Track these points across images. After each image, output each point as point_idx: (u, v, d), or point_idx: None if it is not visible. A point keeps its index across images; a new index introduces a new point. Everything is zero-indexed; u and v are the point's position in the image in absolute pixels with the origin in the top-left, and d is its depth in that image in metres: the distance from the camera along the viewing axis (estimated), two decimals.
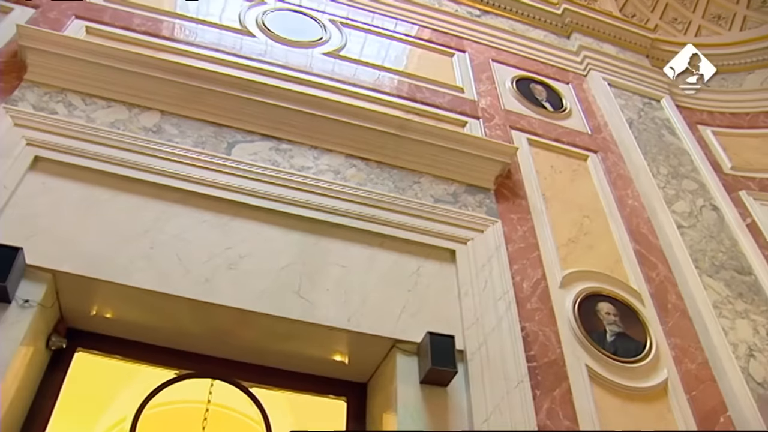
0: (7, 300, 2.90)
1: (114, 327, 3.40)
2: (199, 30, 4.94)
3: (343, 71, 5.05)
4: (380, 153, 4.31)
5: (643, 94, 6.18)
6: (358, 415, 3.49)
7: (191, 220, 3.56)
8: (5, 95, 3.79)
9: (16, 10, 4.44)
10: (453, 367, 3.17)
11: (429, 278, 3.70)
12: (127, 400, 4.52)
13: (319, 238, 3.72)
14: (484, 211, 4.20)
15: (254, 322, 3.35)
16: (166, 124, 4.00)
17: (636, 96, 6.09)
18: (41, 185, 3.44)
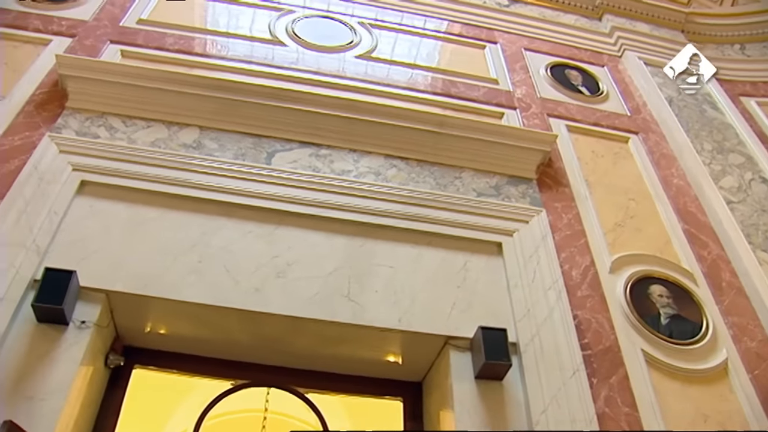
0: (65, 322, 3.00)
1: (169, 342, 3.49)
2: (230, 44, 5.01)
3: (377, 72, 5.06)
4: (419, 151, 4.31)
5: None
6: (415, 414, 3.51)
7: (237, 231, 3.61)
8: (49, 124, 3.90)
9: (54, 40, 4.58)
10: (507, 360, 3.16)
11: (477, 273, 3.69)
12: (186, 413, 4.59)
13: (365, 240, 3.73)
14: (528, 201, 4.18)
15: (306, 328, 3.38)
16: (205, 139, 4.06)
17: None
18: (89, 208, 3.53)
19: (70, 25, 4.78)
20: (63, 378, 2.85)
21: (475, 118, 4.64)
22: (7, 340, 2.90)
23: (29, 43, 4.56)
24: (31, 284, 3.09)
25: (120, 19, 4.98)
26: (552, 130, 4.81)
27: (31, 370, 2.85)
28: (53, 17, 4.82)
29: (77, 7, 5.01)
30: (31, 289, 3.07)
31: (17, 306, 2.99)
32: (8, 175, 3.54)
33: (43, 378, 2.84)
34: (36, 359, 2.88)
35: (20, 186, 3.47)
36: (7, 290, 3.01)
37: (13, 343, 2.91)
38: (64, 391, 2.82)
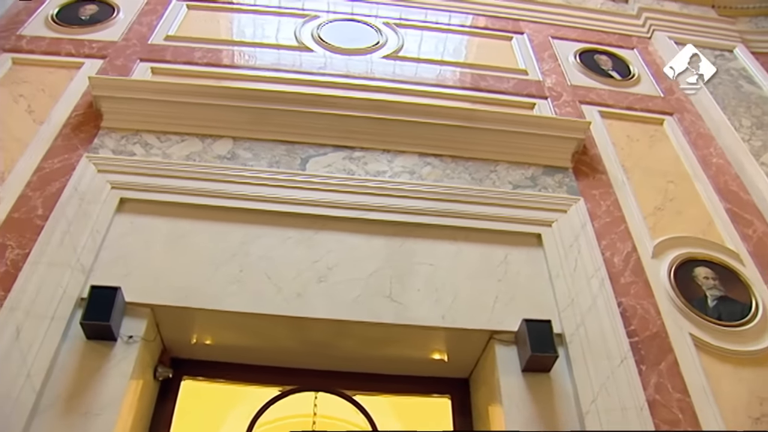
0: (113, 338, 3.07)
1: (215, 352, 3.54)
2: (258, 53, 5.05)
3: (405, 72, 5.06)
4: (453, 147, 4.30)
5: (713, 47, 5.93)
6: (464, 410, 3.51)
7: (276, 239, 3.64)
8: (86, 145, 3.99)
9: (86, 63, 4.69)
10: (553, 351, 3.14)
11: (518, 265, 3.67)
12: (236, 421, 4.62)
13: (404, 239, 3.73)
14: (565, 190, 4.14)
15: (350, 330, 3.40)
16: (239, 149, 4.10)
17: (706, 50, 5.84)
18: (129, 225, 3.60)
19: (100, 46, 4.88)
20: (114, 392, 2.91)
21: (506, 110, 4.61)
22: (59, 358, 2.99)
23: (63, 67, 4.66)
24: (78, 302, 3.17)
25: (148, 37, 5.06)
26: (585, 117, 4.76)
27: (84, 387, 2.91)
28: (84, 41, 4.93)
29: (106, 28, 5.11)
30: (78, 307, 3.15)
31: (66, 324, 3.07)
32: (50, 198, 3.64)
33: (96, 393, 2.90)
34: (87, 375, 2.95)
35: (62, 207, 3.56)
36: (56, 309, 3.10)
37: (64, 361, 2.99)
38: (116, 405, 2.88)
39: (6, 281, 3.22)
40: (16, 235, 3.46)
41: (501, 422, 3.04)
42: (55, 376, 2.93)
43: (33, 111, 4.26)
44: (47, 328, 3.02)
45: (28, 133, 4.08)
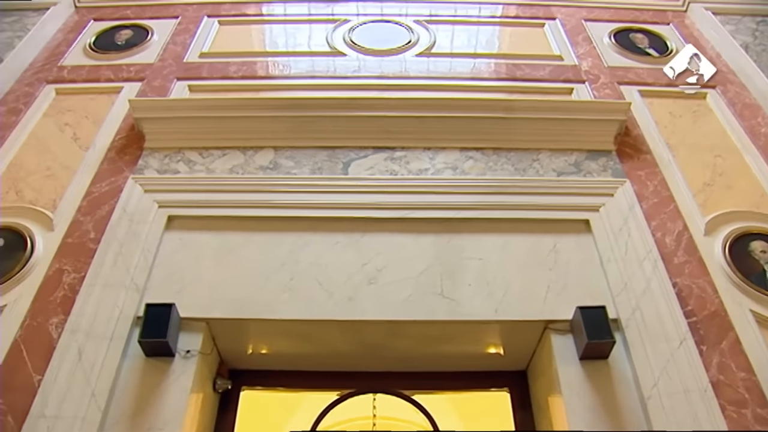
0: (171, 353, 3.14)
1: (271, 361, 3.59)
2: (291, 62, 5.10)
3: (439, 68, 5.05)
4: (493, 139, 4.27)
5: (754, 14, 5.75)
6: (523, 403, 3.49)
7: (323, 244, 3.67)
8: (131, 166, 4.08)
9: (125, 87, 4.80)
10: (610, 337, 3.09)
11: (568, 253, 3.63)
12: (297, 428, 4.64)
13: (451, 236, 3.72)
14: (610, 173, 4.08)
15: (404, 330, 3.41)
16: (280, 159, 4.14)
17: (746, 17, 5.70)
18: (179, 242, 3.67)
19: (137, 69, 4.99)
20: (176, 407, 2.98)
21: (544, 97, 4.58)
22: (120, 376, 3.07)
23: (103, 93, 4.78)
24: (135, 321, 3.25)
25: (183, 56, 5.16)
26: (625, 98, 4.67)
27: (146, 403, 2.98)
28: (122, 65, 5.05)
29: (142, 51, 5.23)
30: (135, 326, 3.22)
31: (125, 343, 3.16)
32: (101, 221, 3.73)
33: (158, 409, 2.97)
34: (149, 392, 3.02)
35: (113, 229, 3.65)
36: (114, 329, 3.19)
37: (126, 379, 3.07)
38: (178, 419, 2.94)
39: (65, 305, 3.33)
40: (71, 259, 3.56)
41: (562, 412, 3.02)
42: (118, 395, 3.01)
43: (78, 138, 4.37)
44: (107, 348, 3.11)
45: (75, 159, 4.19)
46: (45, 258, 3.58)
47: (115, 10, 5.87)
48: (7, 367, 3.10)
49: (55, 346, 3.14)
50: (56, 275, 3.49)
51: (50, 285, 3.44)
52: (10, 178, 4.10)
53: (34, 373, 3.06)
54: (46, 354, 3.12)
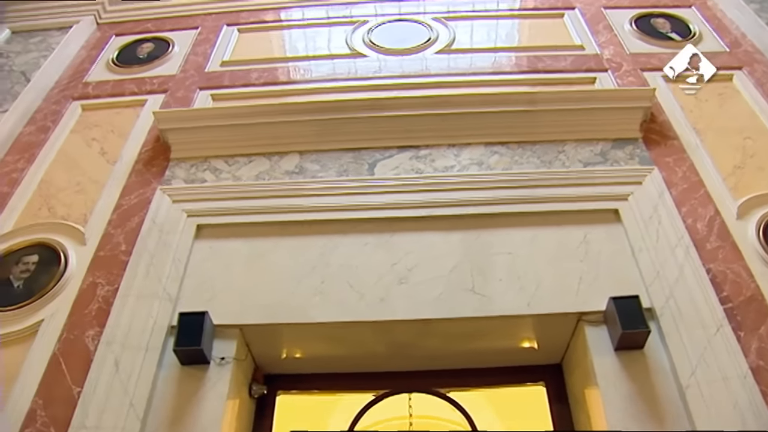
0: (206, 361, 3.17)
1: (306, 364, 3.61)
2: (312, 66, 5.12)
3: (460, 64, 5.03)
4: (517, 133, 4.24)
5: None
6: (559, 396, 3.46)
7: (353, 246, 3.68)
8: (159, 177, 4.13)
9: (149, 99, 4.87)
10: (644, 327, 3.05)
11: (598, 244, 3.59)
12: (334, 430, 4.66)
13: (480, 232, 3.71)
14: (637, 161, 4.02)
15: (437, 328, 3.40)
16: (306, 163, 4.16)
17: None
18: (209, 250, 3.71)
19: (160, 81, 5.05)
20: (213, 414, 3.00)
21: (567, 88, 4.54)
22: (157, 386, 3.11)
23: (128, 106, 4.85)
24: (169, 331, 3.29)
25: (204, 65, 5.21)
26: (649, 85, 4.61)
27: (183, 411, 3.02)
28: (144, 78, 5.12)
29: (164, 63, 5.31)
30: (170, 335, 3.26)
31: (161, 353, 3.20)
32: (131, 233, 3.78)
33: (196, 417, 3.00)
34: (185, 400, 3.06)
35: (143, 240, 3.70)
36: (149, 339, 3.23)
37: (162, 389, 3.11)
38: (216, 426, 2.97)
39: (100, 317, 3.38)
40: (104, 272, 3.61)
41: (598, 404, 2.98)
42: (155, 404, 3.05)
43: (106, 152, 4.44)
44: (143, 358, 3.15)
45: (104, 173, 4.25)
46: (79, 272, 3.64)
47: (135, 25, 5.95)
48: (47, 380, 3.16)
49: (92, 358, 3.20)
50: (90, 288, 3.55)
51: (85, 298, 3.50)
52: (41, 195, 4.18)
53: (73, 386, 3.12)
54: (84, 366, 3.17)
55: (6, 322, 3.46)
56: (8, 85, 5.17)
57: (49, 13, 6.04)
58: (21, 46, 5.67)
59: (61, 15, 6.02)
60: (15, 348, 3.35)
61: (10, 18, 6.03)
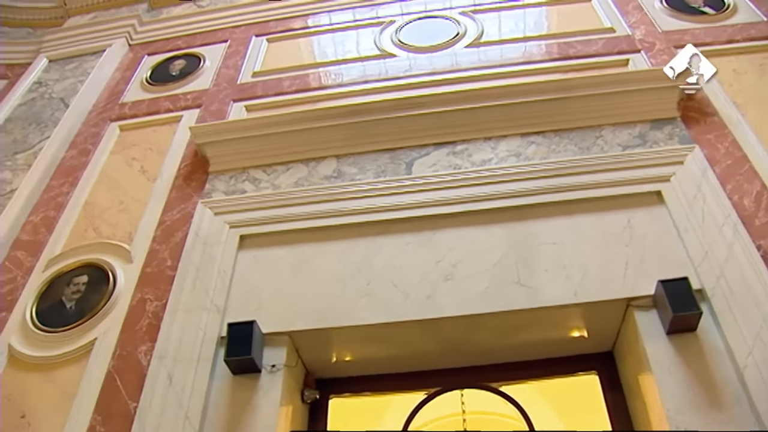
0: (257, 369, 3.20)
1: (356, 367, 3.61)
2: (343, 69, 5.14)
3: (490, 57, 5.00)
4: (553, 121, 4.20)
5: None
6: (613, 384, 3.39)
7: (396, 246, 3.68)
8: (199, 191, 4.18)
9: (184, 115, 4.95)
10: (696, 309, 2.98)
11: (642, 227, 3.53)
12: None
13: (522, 223, 3.68)
14: (677, 141, 3.94)
15: (485, 323, 3.38)
16: (343, 166, 4.18)
17: None
18: (253, 259, 3.75)
19: (194, 96, 5.12)
20: (267, 421, 3.03)
21: (600, 72, 4.47)
22: (210, 396, 3.15)
23: (164, 124, 4.93)
24: (219, 342, 3.33)
25: (236, 77, 5.27)
26: None
27: (238, 420, 3.05)
28: (179, 95, 5.20)
29: (197, 78, 5.39)
30: (220, 346, 3.31)
31: (212, 364, 3.25)
32: (176, 248, 3.85)
33: (250, 425, 3.03)
34: (240, 409, 3.09)
35: (188, 255, 3.75)
36: (200, 351, 3.28)
37: (216, 399, 3.15)
38: None
39: (151, 332, 3.45)
40: (152, 288, 3.68)
41: (654, 390, 2.92)
42: (210, 414, 3.09)
43: (146, 170, 4.51)
44: (195, 370, 3.21)
45: (145, 191, 4.32)
46: (127, 289, 3.72)
47: (166, 43, 6.05)
48: (105, 396, 3.24)
49: (145, 373, 3.26)
50: (140, 305, 3.61)
51: (135, 315, 3.58)
52: (86, 216, 4.27)
53: (129, 401, 3.18)
54: (138, 381, 3.24)
55: (61, 343, 3.56)
56: (49, 112, 5.30)
57: (83, 38, 6.20)
58: (58, 74, 5.81)
59: (94, 39, 6.15)
60: (72, 367, 3.45)
61: (47, 47, 6.19)
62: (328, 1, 6.10)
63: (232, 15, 6.17)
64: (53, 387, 3.37)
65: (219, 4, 6.38)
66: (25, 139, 5.05)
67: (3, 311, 3.82)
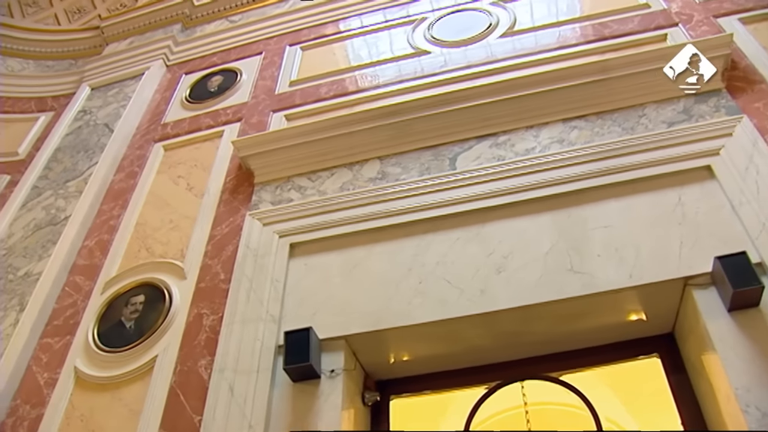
0: (317, 376, 3.23)
1: (414, 366, 3.60)
2: (378, 71, 5.15)
3: (525, 44, 4.95)
4: (594, 104, 4.14)
5: None
6: (676, 366, 3.30)
7: (445, 243, 3.67)
8: (247, 203, 4.24)
9: (225, 130, 5.03)
10: (757, 283, 2.89)
11: (695, 203, 3.44)
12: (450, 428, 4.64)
13: (570, 210, 3.64)
14: (724, 113, 3.83)
15: (541, 313, 3.35)
16: (387, 167, 4.19)
17: None
18: (304, 267, 3.78)
19: (234, 111, 5.19)
20: (330, 427, 3.05)
21: (638, 50, 4.37)
22: (272, 405, 3.20)
23: (207, 140, 5.01)
24: (277, 351, 3.37)
25: (274, 88, 5.33)
26: (724, 31, 4.38)
27: (301, 427, 3.09)
28: (218, 110, 5.27)
29: (235, 93, 5.47)
30: (278, 354, 3.35)
31: (272, 373, 3.28)
32: (228, 261, 3.90)
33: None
34: (302, 416, 3.13)
35: (240, 267, 3.80)
36: (259, 362, 3.32)
37: (278, 407, 3.19)
38: None
39: (210, 346, 3.50)
40: (207, 302, 3.74)
41: (719, 369, 2.84)
42: (273, 423, 3.13)
43: (192, 187, 4.58)
44: (255, 380, 3.25)
45: (194, 208, 4.39)
46: (183, 305, 3.79)
47: (202, 60, 6.14)
48: (169, 411, 3.31)
49: (207, 386, 3.32)
50: (197, 320, 3.67)
51: (193, 330, 3.64)
52: (138, 237, 4.36)
53: (193, 414, 3.24)
54: (200, 395, 3.30)
55: (124, 362, 3.66)
56: (95, 138, 5.42)
57: (122, 64, 6.34)
58: (101, 100, 5.94)
59: (133, 64, 6.30)
60: (136, 385, 3.54)
61: (88, 76, 6.35)
62: (358, 5, 6.12)
63: (264, 27, 6.24)
64: (120, 405, 3.47)
65: (250, 17, 6.47)
66: (75, 166, 5.19)
67: (67, 335, 3.92)
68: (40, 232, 4.65)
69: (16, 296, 4.16)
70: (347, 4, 6.17)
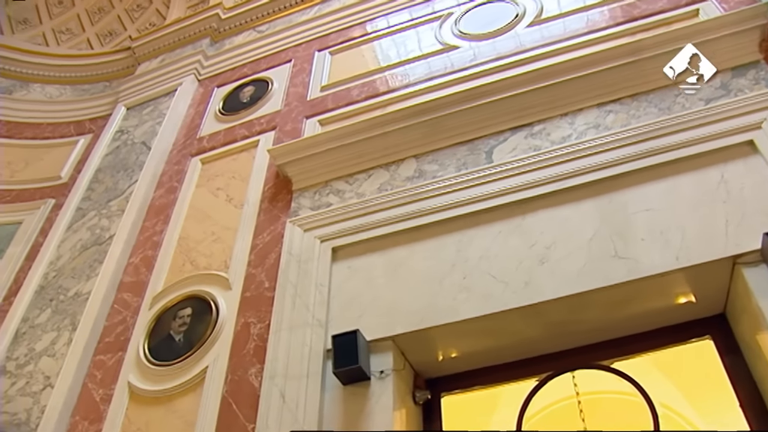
0: (366, 377, 3.24)
1: (463, 362, 3.58)
2: (408, 70, 5.15)
3: (553, 32, 4.91)
4: (628, 86, 4.08)
5: None
6: (729, 347, 3.22)
7: (487, 237, 3.66)
8: (286, 211, 4.27)
9: (261, 139, 5.07)
10: None
11: (738, 180, 3.37)
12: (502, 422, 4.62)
13: (611, 195, 3.59)
14: (764, 85, 3.73)
15: (588, 301, 3.31)
16: (423, 165, 4.18)
17: None
18: (347, 270, 3.79)
19: (267, 120, 5.23)
20: (383, 427, 3.06)
21: (669, 28, 4.29)
22: (324, 409, 3.22)
23: (243, 151, 5.06)
24: (325, 355, 3.39)
25: (306, 94, 5.36)
26: (760, 1, 4.26)
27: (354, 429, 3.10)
28: (252, 120, 5.32)
29: (267, 102, 5.51)
30: (327, 359, 3.36)
31: (321, 378, 3.30)
32: (271, 269, 3.93)
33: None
34: (354, 418, 3.13)
35: (284, 274, 3.83)
36: (308, 367, 3.35)
37: (330, 411, 3.21)
38: None
39: (259, 354, 3.54)
40: (253, 311, 3.77)
41: None
42: (326, 427, 3.15)
43: (232, 198, 4.62)
44: (306, 385, 3.27)
45: (234, 218, 4.43)
46: (230, 316, 3.83)
47: (232, 73, 6.20)
48: (223, 421, 3.35)
49: (258, 394, 3.36)
50: (244, 329, 3.71)
51: (241, 339, 3.67)
52: (182, 251, 4.41)
53: (246, 423, 3.28)
54: (252, 403, 3.33)
55: (176, 375, 3.71)
56: (133, 157, 5.51)
57: (155, 82, 6.43)
58: (137, 119, 6.03)
59: (165, 81, 6.39)
60: (189, 396, 3.59)
61: (123, 96, 6.46)
62: (383, 5, 6.13)
63: (291, 35, 6.29)
64: (175, 417, 3.52)
65: (277, 26, 6.52)
66: (116, 186, 5.28)
67: (119, 351, 3.99)
68: (86, 252, 4.74)
69: (68, 316, 4.26)
70: (373, 5, 6.18)
